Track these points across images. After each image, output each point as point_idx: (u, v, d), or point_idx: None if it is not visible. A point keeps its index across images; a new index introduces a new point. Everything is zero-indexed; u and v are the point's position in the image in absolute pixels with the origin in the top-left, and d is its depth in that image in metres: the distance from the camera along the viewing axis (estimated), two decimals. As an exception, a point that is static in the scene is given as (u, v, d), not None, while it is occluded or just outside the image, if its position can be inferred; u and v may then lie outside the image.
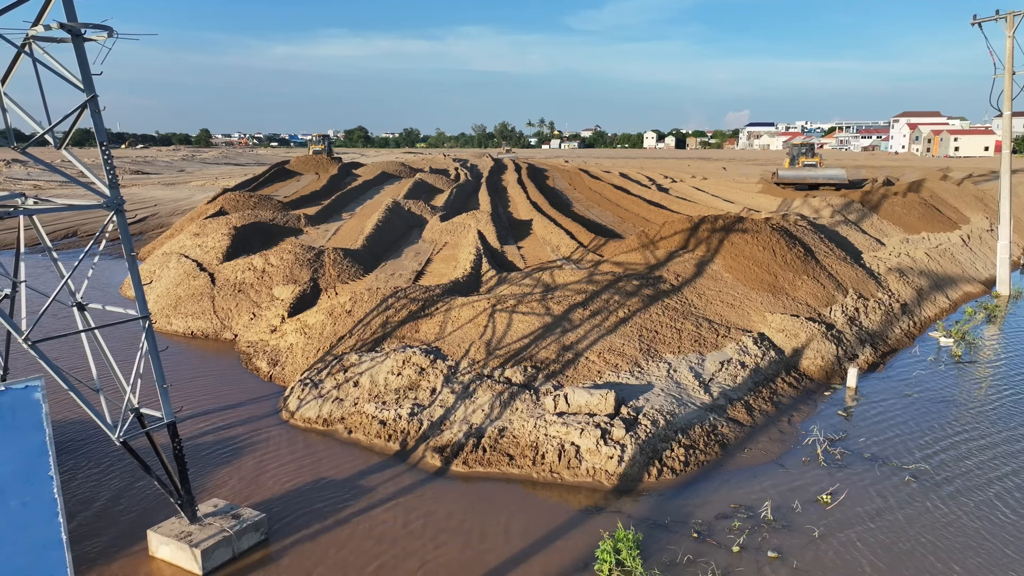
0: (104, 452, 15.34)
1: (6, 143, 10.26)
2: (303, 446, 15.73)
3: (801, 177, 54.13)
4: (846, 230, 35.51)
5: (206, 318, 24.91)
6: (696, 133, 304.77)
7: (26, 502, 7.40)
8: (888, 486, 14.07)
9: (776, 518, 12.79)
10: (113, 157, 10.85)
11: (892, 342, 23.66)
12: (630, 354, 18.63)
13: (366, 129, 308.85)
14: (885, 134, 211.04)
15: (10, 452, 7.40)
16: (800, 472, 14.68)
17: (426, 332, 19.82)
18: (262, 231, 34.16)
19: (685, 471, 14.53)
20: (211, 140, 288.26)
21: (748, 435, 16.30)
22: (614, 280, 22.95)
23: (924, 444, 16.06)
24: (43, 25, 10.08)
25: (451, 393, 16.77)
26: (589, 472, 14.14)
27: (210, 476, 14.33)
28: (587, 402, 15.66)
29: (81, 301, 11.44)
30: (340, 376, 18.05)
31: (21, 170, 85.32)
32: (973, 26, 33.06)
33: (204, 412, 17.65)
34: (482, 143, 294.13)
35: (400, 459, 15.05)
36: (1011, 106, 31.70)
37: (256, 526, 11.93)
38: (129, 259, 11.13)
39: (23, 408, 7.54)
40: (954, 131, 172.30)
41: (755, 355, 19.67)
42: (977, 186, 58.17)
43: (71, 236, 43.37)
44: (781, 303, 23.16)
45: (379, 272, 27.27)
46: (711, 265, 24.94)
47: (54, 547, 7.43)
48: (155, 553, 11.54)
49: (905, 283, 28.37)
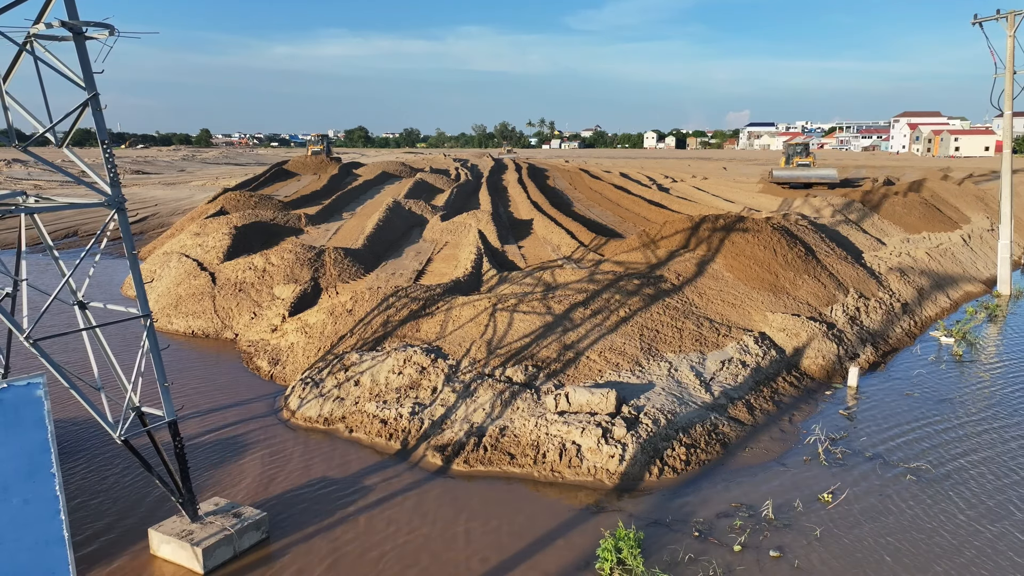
0: (105, 451, 15.34)
1: (7, 142, 10.25)
2: (304, 445, 15.72)
3: (795, 177, 56.32)
4: (847, 230, 35.50)
5: (207, 317, 24.91)
6: (696, 133, 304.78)
7: (28, 499, 7.39)
8: (889, 485, 14.06)
9: (777, 517, 12.79)
10: (114, 156, 10.85)
11: (893, 341, 23.65)
12: (631, 353, 18.62)
13: (366, 129, 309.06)
14: (885, 134, 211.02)
15: (12, 449, 7.40)
16: (801, 471, 14.67)
17: (427, 331, 19.82)
18: (263, 231, 34.16)
19: (686, 470, 14.53)
20: (211, 140, 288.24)
21: (749, 434, 16.29)
22: (615, 279, 22.94)
23: (925, 443, 16.05)
24: (44, 23, 10.07)
25: (452, 392, 16.76)
26: (590, 471, 14.14)
27: (211, 475, 14.33)
28: (588, 401, 15.66)
29: (82, 300, 11.44)
30: (341, 375, 18.05)
31: (22, 169, 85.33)
32: (974, 26, 33.07)
33: (205, 411, 17.65)
34: (482, 143, 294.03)
35: (401, 458, 15.05)
36: (1012, 106, 31.71)
37: (257, 525, 11.92)
38: (130, 257, 11.12)
39: (25, 405, 7.54)
40: (954, 131, 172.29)
41: (756, 354, 19.66)
42: (978, 186, 58.16)
43: (72, 236, 43.37)
44: (782, 302, 23.16)
45: (380, 271, 27.27)
46: (712, 264, 24.93)
47: (56, 544, 7.43)
48: (156, 552, 11.54)
49: (906, 283, 28.36)
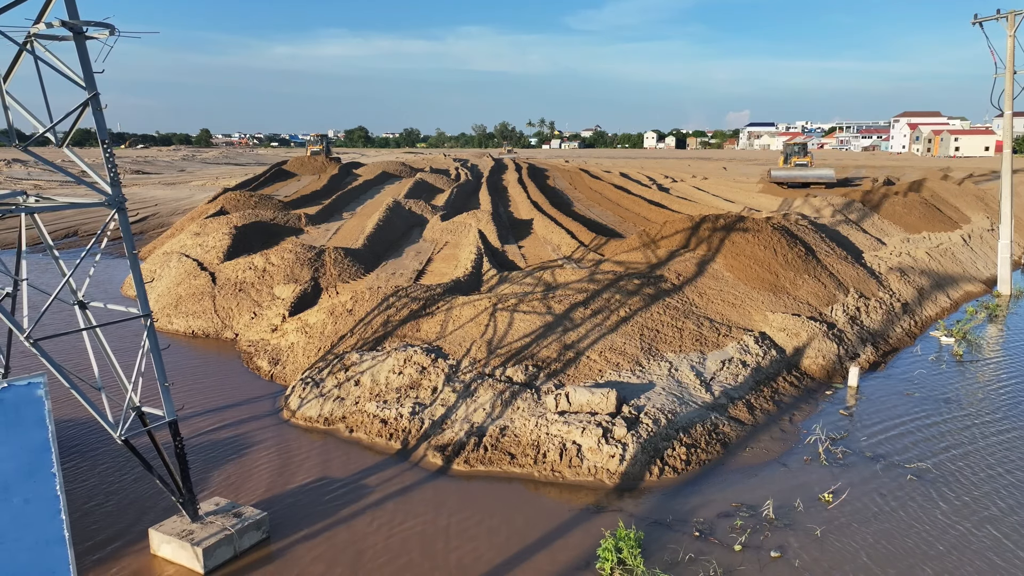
0: (105, 450, 15.33)
1: (8, 141, 10.25)
2: (304, 445, 15.72)
3: (792, 176, 57.74)
4: (847, 229, 35.50)
5: (207, 317, 24.90)
6: (696, 133, 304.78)
7: (28, 499, 7.39)
8: (890, 485, 14.06)
9: (778, 517, 12.78)
10: (114, 155, 10.84)
11: (893, 341, 23.64)
12: (631, 353, 18.61)
13: (366, 129, 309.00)
14: (886, 134, 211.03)
15: (12, 448, 7.39)
16: (802, 471, 14.67)
17: (427, 331, 19.81)
18: (263, 230, 34.15)
19: (687, 470, 14.52)
20: (211, 140, 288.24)
21: (750, 434, 16.29)
22: (615, 279, 22.94)
23: (926, 443, 16.05)
24: (45, 23, 10.07)
25: (452, 392, 16.75)
26: (591, 471, 14.13)
27: (211, 474, 14.32)
28: (588, 401, 15.65)
29: (82, 299, 11.43)
30: (341, 375, 18.04)
31: (22, 170, 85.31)
32: (974, 25, 33.05)
33: (205, 411, 17.64)
34: (482, 143, 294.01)
35: (401, 458, 15.04)
36: (1012, 105, 31.70)
37: (257, 524, 11.92)
38: (131, 257, 11.11)
39: (26, 404, 7.53)
40: (954, 131, 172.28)
41: (756, 354, 19.66)
42: (978, 186, 58.16)
43: (72, 236, 43.36)
44: (782, 302, 23.15)
45: (380, 271, 27.27)
46: (712, 264, 24.93)
47: (56, 544, 7.42)
48: (157, 551, 11.53)
49: (906, 282, 28.35)
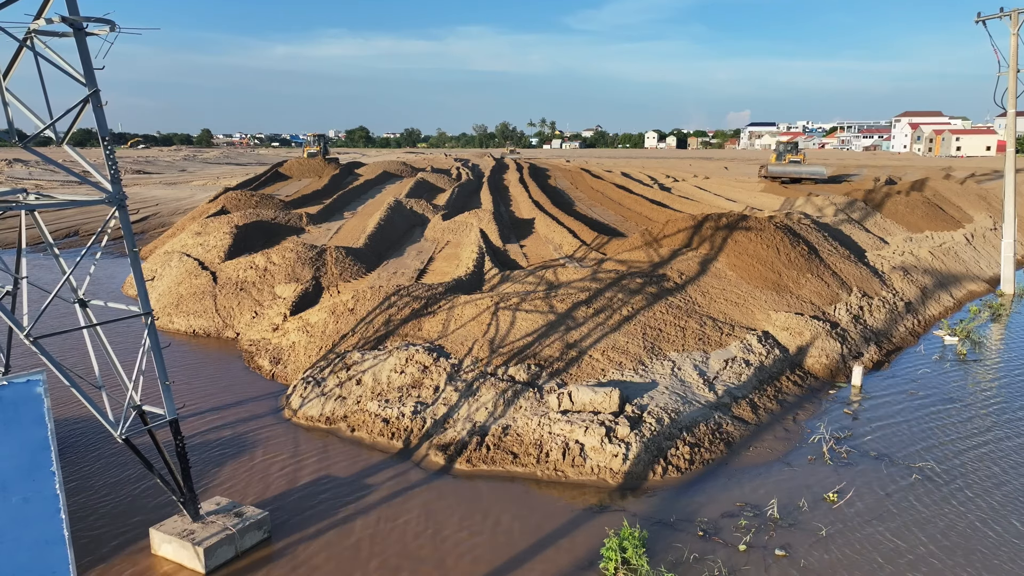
0: (106, 449, 15.27)
1: (9, 139, 10.18)
2: (306, 444, 15.65)
3: (786, 172, 59.29)
4: (850, 229, 35.39)
5: (208, 316, 24.84)
6: (697, 133, 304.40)
7: (28, 497, 7.32)
8: (895, 484, 13.98)
9: (783, 516, 12.71)
10: (115, 153, 10.78)
11: (897, 340, 23.55)
12: (634, 352, 18.53)
13: (367, 129, 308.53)
14: (887, 134, 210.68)
15: (12, 447, 7.32)
16: (806, 470, 14.59)
17: (429, 330, 19.74)
18: (264, 230, 34.08)
19: (690, 469, 14.44)
20: (212, 140, 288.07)
21: (753, 433, 16.21)
22: (617, 278, 22.86)
23: (930, 442, 15.96)
24: (45, 19, 10.00)
25: (454, 391, 16.68)
26: (594, 470, 14.05)
27: (212, 474, 14.25)
28: (591, 400, 15.57)
29: (83, 298, 11.36)
30: (343, 374, 17.97)
31: (23, 169, 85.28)
32: (977, 24, 32.94)
33: (206, 410, 17.57)
34: (483, 143, 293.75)
35: (403, 457, 14.97)
36: (1015, 103, 31.59)
37: (259, 524, 11.85)
38: (131, 255, 11.05)
39: (25, 402, 7.46)
40: (956, 131, 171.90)
41: (759, 353, 19.57)
42: (980, 185, 58.02)
43: (72, 235, 43.31)
44: (785, 301, 23.06)
45: (381, 270, 27.20)
46: (715, 263, 24.84)
47: (56, 543, 7.35)
48: (157, 551, 11.46)
49: (909, 282, 28.26)
